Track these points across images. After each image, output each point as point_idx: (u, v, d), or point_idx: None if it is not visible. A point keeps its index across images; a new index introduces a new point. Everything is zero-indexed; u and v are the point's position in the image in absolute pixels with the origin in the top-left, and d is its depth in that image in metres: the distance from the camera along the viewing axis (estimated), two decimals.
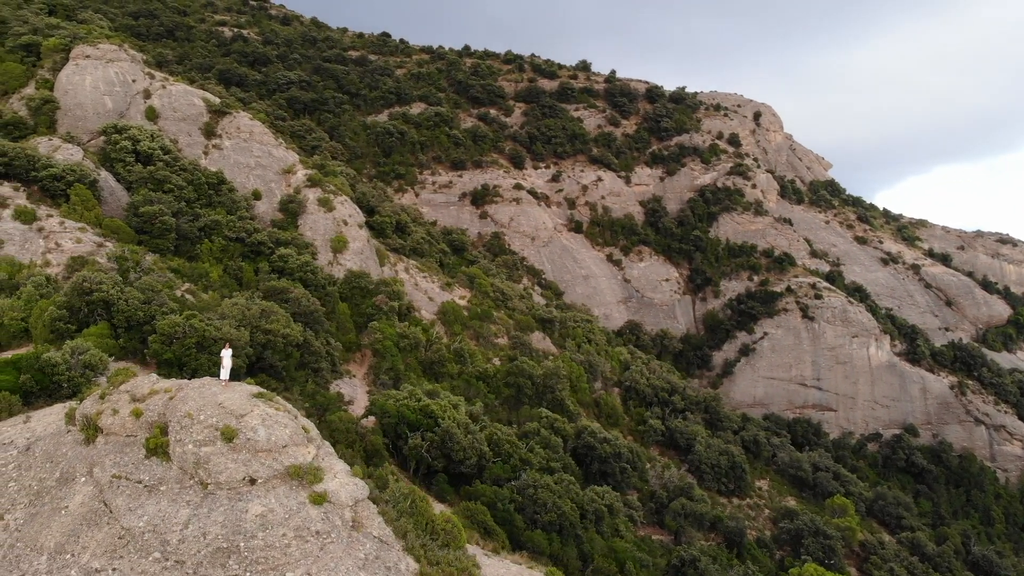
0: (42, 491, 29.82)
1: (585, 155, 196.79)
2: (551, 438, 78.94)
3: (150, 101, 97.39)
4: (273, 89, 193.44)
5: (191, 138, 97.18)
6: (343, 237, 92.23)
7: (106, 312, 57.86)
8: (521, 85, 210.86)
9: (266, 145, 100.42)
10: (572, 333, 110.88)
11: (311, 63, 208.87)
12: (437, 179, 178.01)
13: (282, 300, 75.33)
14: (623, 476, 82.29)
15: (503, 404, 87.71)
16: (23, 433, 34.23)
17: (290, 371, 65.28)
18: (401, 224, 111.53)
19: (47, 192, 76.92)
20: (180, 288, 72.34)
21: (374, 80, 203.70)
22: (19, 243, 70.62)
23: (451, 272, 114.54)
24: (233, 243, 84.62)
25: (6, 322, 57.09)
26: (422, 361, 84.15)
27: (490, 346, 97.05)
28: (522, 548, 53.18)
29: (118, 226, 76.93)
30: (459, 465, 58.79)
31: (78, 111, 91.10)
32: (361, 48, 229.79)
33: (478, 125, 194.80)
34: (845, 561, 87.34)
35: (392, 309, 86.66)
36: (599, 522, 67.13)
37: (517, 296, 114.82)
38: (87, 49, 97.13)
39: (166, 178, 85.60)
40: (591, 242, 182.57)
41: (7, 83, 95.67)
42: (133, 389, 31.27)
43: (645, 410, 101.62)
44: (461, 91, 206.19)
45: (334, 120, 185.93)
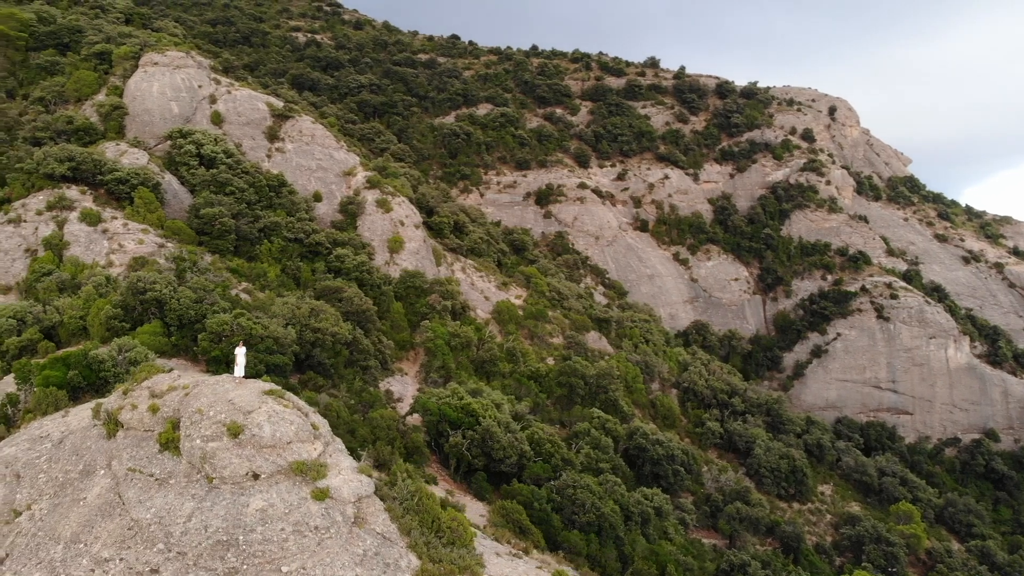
0: (66, 483, 31.31)
1: (652, 153, 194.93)
2: (601, 439, 78.55)
3: (215, 106, 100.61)
4: (344, 93, 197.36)
5: (255, 142, 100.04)
6: (399, 237, 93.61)
7: (159, 311, 60.12)
8: (588, 83, 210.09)
9: (327, 148, 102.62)
10: (629, 333, 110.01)
11: (381, 67, 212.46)
12: (502, 179, 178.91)
13: (336, 299, 77.01)
14: (676, 478, 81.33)
15: (555, 404, 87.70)
16: (59, 427, 35.96)
17: (338, 368, 66.66)
18: (459, 224, 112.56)
19: (113, 195, 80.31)
20: (237, 288, 74.68)
21: (442, 82, 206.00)
22: (84, 244, 73.94)
23: (509, 272, 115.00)
24: (292, 244, 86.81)
25: (66, 320, 59.93)
26: (474, 360, 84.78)
27: (544, 345, 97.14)
28: (559, 548, 53.15)
29: (179, 227, 79.79)
30: (499, 464, 59.06)
31: (145, 116, 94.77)
32: (430, 51, 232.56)
33: (543, 125, 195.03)
34: (909, 569, 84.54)
35: (445, 308, 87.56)
36: (645, 524, 66.55)
37: (574, 296, 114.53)
38: (155, 56, 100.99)
39: (228, 181, 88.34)
40: (657, 241, 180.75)
41: (80, 90, 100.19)
42: (153, 385, 32.53)
43: (703, 412, 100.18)
44: (527, 91, 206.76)
45: (402, 123, 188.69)
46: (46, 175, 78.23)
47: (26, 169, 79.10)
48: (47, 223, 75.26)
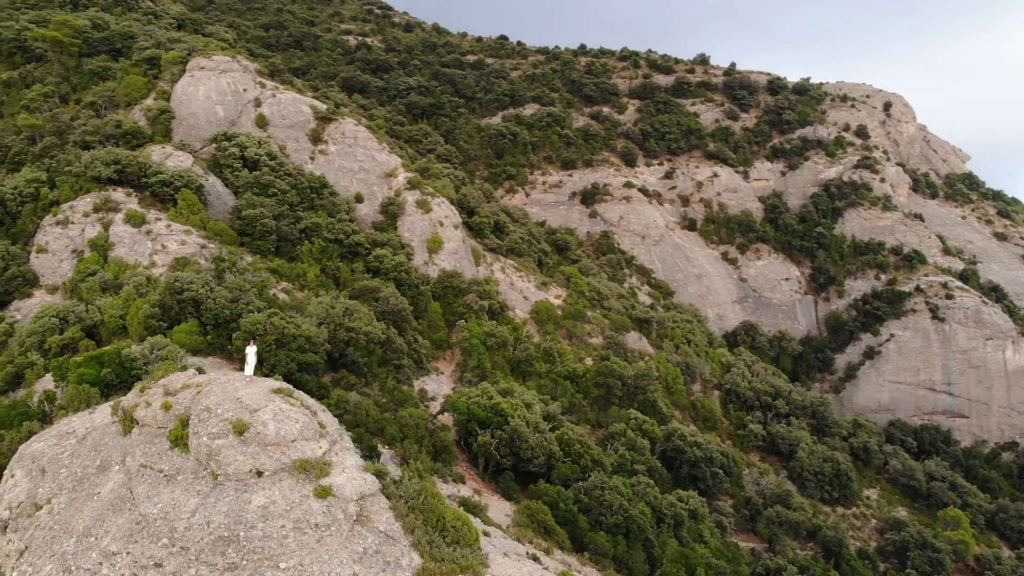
0: (84, 477, 32.15)
1: (701, 150, 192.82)
2: (637, 440, 78.05)
3: (260, 109, 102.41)
4: (393, 95, 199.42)
5: (298, 144, 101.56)
6: (438, 238, 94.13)
7: (196, 310, 61.38)
8: (635, 82, 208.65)
9: (370, 149, 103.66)
10: (670, 334, 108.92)
11: (430, 68, 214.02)
12: (547, 179, 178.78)
13: (373, 299, 77.81)
14: (714, 481, 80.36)
15: (592, 404, 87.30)
16: (84, 423, 36.91)
17: (372, 367, 67.32)
18: (499, 224, 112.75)
19: (157, 197, 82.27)
20: (276, 287, 75.93)
21: (489, 83, 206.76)
22: (128, 245, 75.92)
23: (549, 272, 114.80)
24: (332, 244, 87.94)
25: (106, 319, 61.58)
26: (510, 360, 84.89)
27: (583, 346, 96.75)
28: (585, 549, 52.90)
29: (221, 228, 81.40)
30: (527, 464, 59.02)
31: (191, 120, 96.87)
32: (479, 52, 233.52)
33: (590, 124, 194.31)
34: None
35: (482, 308, 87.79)
36: (678, 527, 65.87)
37: (615, 296, 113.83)
38: (202, 61, 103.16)
39: (270, 183, 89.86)
40: (705, 240, 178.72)
41: (130, 95, 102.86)
42: (168, 384, 33.22)
43: (746, 414, 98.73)
44: (574, 90, 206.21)
45: (450, 124, 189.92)
46: (93, 178, 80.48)
47: (74, 172, 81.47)
48: (93, 224, 77.43)
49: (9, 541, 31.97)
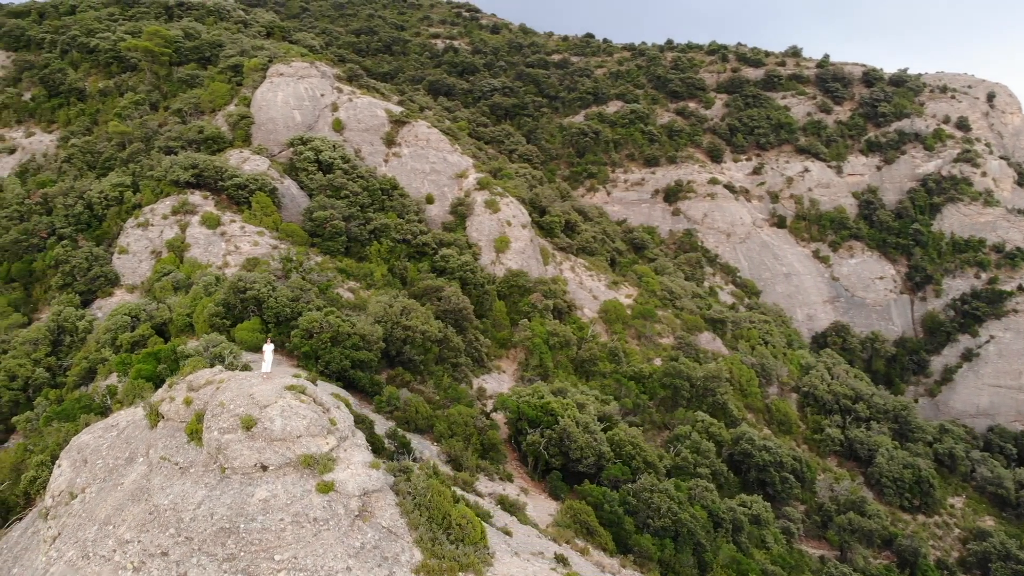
0: (114, 468, 33.74)
1: (791, 145, 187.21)
2: (702, 442, 76.53)
3: (337, 114, 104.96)
4: (478, 97, 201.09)
5: (373, 147, 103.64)
6: (506, 237, 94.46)
7: (258, 309, 63.42)
8: (723, 76, 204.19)
9: (442, 151, 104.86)
10: (746, 334, 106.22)
11: (515, 69, 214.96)
12: (629, 177, 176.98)
13: (436, 298, 78.75)
14: (783, 486, 78.07)
15: (659, 406, 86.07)
16: (127, 417, 38.69)
17: (428, 365, 68.12)
18: (571, 223, 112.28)
19: (233, 199, 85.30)
20: (342, 287, 77.75)
21: (573, 82, 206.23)
22: (203, 246, 78.97)
23: (621, 271, 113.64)
24: (400, 244, 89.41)
25: (175, 317, 64.28)
26: (573, 359, 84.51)
27: (652, 346, 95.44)
28: (630, 551, 52.24)
29: (293, 230, 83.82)
30: (576, 464, 58.61)
31: (270, 125, 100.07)
32: (564, 51, 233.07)
33: (675, 120, 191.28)
34: None
35: (547, 307, 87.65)
36: (737, 532, 64.35)
37: (689, 295, 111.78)
38: (281, 67, 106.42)
39: (343, 185, 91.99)
40: (795, 237, 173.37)
41: (214, 101, 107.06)
42: (193, 380, 34.51)
43: (823, 418, 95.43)
44: (660, 86, 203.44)
45: (532, 124, 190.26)
46: (172, 181, 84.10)
47: (156, 176, 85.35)
48: (171, 226, 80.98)
49: (48, 528, 33.80)
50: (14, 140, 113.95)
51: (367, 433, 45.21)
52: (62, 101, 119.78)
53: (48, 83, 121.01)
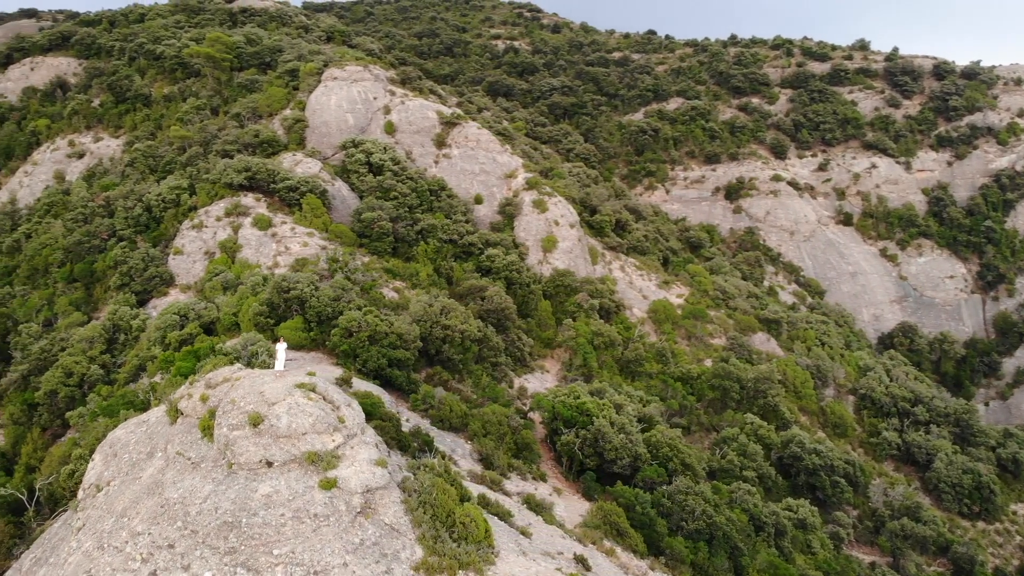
0: (136, 462, 34.85)
1: (858, 140, 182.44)
2: (749, 445, 75.20)
3: (389, 116, 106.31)
4: (537, 97, 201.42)
5: (424, 149, 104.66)
6: (553, 237, 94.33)
7: (300, 308, 64.66)
8: (788, 71, 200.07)
9: (491, 152, 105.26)
10: (802, 335, 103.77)
11: (574, 68, 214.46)
12: (689, 174, 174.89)
13: (479, 298, 79.14)
14: (834, 490, 76.04)
15: (707, 407, 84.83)
16: (156, 414, 39.91)
17: (467, 364, 68.47)
18: (622, 222, 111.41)
19: (284, 201, 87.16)
20: (387, 286, 78.75)
21: (633, 79, 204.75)
22: (255, 247, 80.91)
23: (674, 270, 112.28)
24: (446, 244, 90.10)
25: (222, 317, 66.02)
26: (619, 359, 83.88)
27: (702, 346, 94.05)
28: (661, 554, 51.63)
29: (342, 231, 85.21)
30: (611, 464, 58.12)
31: (323, 128, 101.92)
32: (625, 48, 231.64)
33: (737, 116, 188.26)
34: None
35: (592, 307, 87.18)
36: (779, 536, 63.02)
37: (744, 295, 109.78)
38: (335, 71, 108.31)
39: (392, 186, 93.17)
40: (862, 235, 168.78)
41: (271, 106, 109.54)
42: (211, 377, 35.40)
43: (880, 421, 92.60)
44: (722, 82, 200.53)
45: (591, 122, 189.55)
46: (226, 184, 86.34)
47: (211, 179, 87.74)
48: (224, 228, 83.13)
49: (77, 519, 35.10)
50: (83, 145, 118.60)
51: (394, 431, 45.73)
52: (129, 107, 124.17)
53: (115, 89, 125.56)
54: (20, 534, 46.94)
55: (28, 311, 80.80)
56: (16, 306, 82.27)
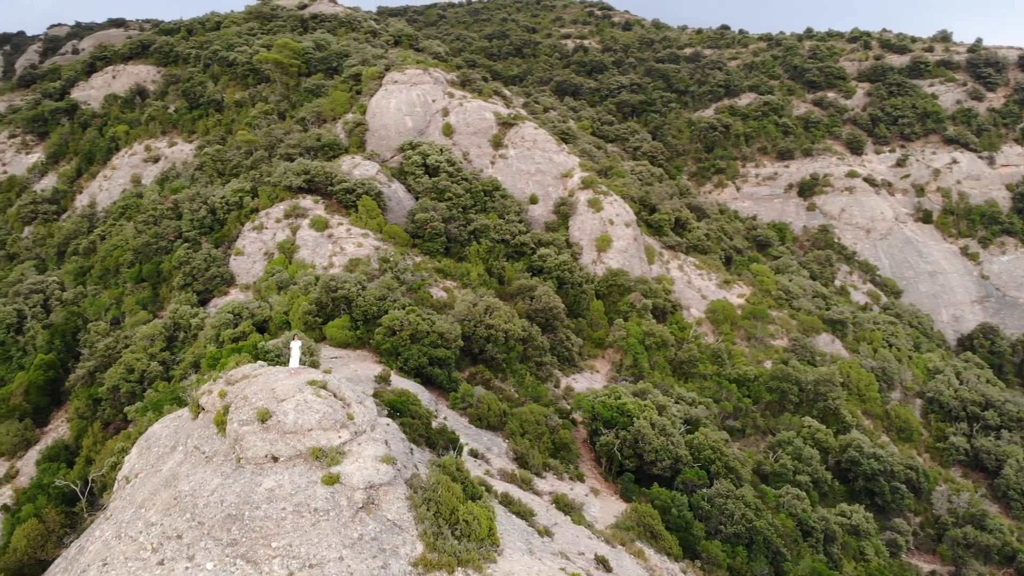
0: (162, 456, 36.15)
1: (938, 135, 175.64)
2: (804, 449, 73.38)
3: (447, 118, 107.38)
4: (605, 95, 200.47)
5: (480, 150, 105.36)
6: (607, 236, 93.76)
7: (347, 307, 65.97)
8: (865, 64, 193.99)
9: (548, 152, 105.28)
10: (868, 336, 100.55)
11: (644, 65, 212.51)
12: (761, 171, 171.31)
13: (528, 297, 79.33)
14: (894, 496, 73.63)
15: (764, 410, 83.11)
16: (187, 410, 41.30)
17: (511, 363, 68.73)
18: (681, 221, 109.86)
19: (341, 203, 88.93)
20: (437, 286, 79.61)
21: (704, 75, 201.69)
22: (311, 247, 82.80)
23: (737, 269, 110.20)
24: (499, 244, 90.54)
25: (274, 315, 67.82)
26: (671, 360, 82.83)
27: (763, 348, 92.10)
28: (698, 557, 50.89)
29: (395, 231, 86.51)
30: (651, 466, 57.50)
31: (383, 131, 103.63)
32: (697, 44, 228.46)
33: (811, 111, 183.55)
34: None
35: (645, 307, 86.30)
36: (829, 542, 61.32)
37: (810, 295, 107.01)
38: (396, 75, 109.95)
39: (447, 187, 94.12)
40: (941, 233, 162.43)
41: (335, 110, 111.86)
42: (232, 374, 36.49)
43: (948, 425, 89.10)
44: (796, 76, 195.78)
45: (659, 120, 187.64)
46: (286, 187, 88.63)
47: (272, 182, 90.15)
48: (283, 229, 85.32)
49: (107, 510, 36.66)
50: (158, 150, 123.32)
51: (423, 428, 46.31)
52: (201, 112, 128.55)
53: (189, 95, 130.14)
54: (71, 524, 49.16)
55: (97, 310, 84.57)
56: (87, 305, 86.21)
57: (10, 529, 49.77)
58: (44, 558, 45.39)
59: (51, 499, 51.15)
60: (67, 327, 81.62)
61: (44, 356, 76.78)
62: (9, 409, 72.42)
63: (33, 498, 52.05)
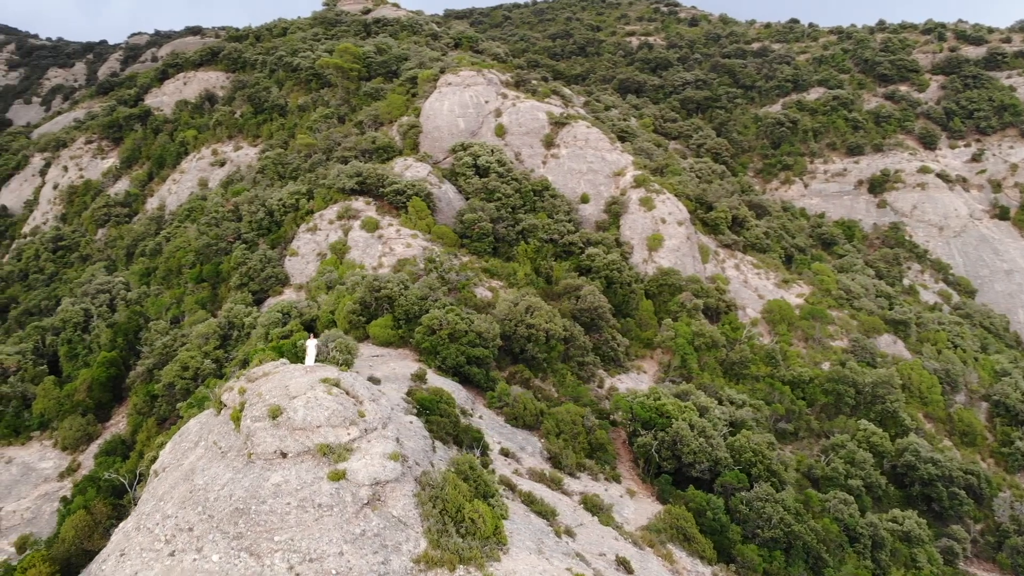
0: (186, 451, 37.31)
1: (1016, 128, 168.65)
2: (857, 453, 71.35)
3: (500, 119, 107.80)
4: (669, 92, 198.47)
5: (532, 150, 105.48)
6: (659, 235, 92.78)
7: (390, 306, 66.88)
8: (939, 56, 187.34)
9: (600, 151, 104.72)
10: (932, 337, 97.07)
11: (710, 61, 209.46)
12: (829, 167, 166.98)
13: (574, 297, 79.14)
14: (952, 502, 71.00)
15: (819, 412, 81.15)
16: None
17: (552, 363, 68.65)
18: (739, 219, 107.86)
19: (392, 205, 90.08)
20: (483, 285, 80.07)
21: (771, 70, 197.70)
22: (362, 248, 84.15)
23: (797, 268, 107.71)
24: (547, 244, 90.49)
25: (321, 314, 69.27)
26: (722, 361, 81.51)
27: (821, 349, 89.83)
28: (733, 561, 50.05)
29: (444, 232, 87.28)
30: (689, 468, 56.73)
31: (436, 133, 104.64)
32: (766, 38, 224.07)
33: (883, 105, 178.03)
34: None
35: (696, 307, 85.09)
36: (877, 548, 59.53)
37: (872, 294, 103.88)
38: (450, 77, 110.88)
39: (496, 188, 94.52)
40: (1019, 230, 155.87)
41: (392, 113, 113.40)
42: (252, 372, 37.45)
43: (1014, 429, 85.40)
44: (867, 70, 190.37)
45: (724, 116, 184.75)
46: (340, 189, 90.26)
47: (326, 184, 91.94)
48: (336, 230, 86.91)
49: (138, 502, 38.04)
50: (224, 154, 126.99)
51: (451, 426, 46.67)
52: (266, 117, 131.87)
53: (254, 100, 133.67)
54: (119, 516, 51.04)
55: (159, 309, 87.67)
56: (149, 305, 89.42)
57: (62, 520, 52.00)
58: (90, 548, 47.23)
59: (100, 491, 53.21)
60: (129, 326, 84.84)
61: (107, 354, 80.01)
62: (73, 404, 75.73)
63: (84, 490, 54.28)
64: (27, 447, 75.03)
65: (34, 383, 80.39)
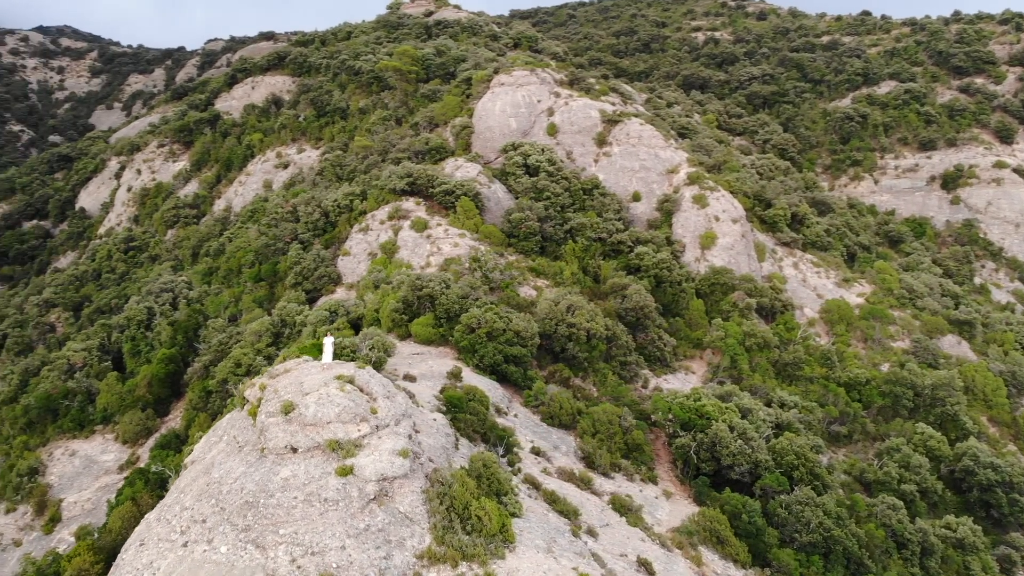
0: (212, 445, 38.43)
1: None
2: (912, 457, 69.10)
3: (552, 118, 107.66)
4: (735, 87, 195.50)
5: (584, 148, 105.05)
6: (712, 233, 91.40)
7: (431, 305, 67.59)
8: (1017, 47, 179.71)
9: (653, 148, 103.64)
10: (999, 338, 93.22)
11: (777, 55, 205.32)
12: (900, 163, 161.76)
13: (621, 296, 78.64)
14: (1012, 509, 68.22)
15: (876, 415, 78.83)
16: None
17: (593, 362, 68.32)
18: (799, 216, 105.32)
19: (442, 205, 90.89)
20: (528, 284, 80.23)
21: (841, 63, 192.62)
22: (411, 248, 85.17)
23: (860, 267, 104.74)
24: (595, 243, 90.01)
25: (366, 313, 70.43)
26: (775, 362, 79.85)
27: (881, 349, 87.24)
28: (768, 565, 49.08)
29: (491, 231, 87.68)
30: (728, 470, 55.81)
31: (487, 134, 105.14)
32: (836, 31, 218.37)
33: (957, 98, 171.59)
34: None
35: (748, 306, 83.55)
36: (926, 555, 57.60)
37: (937, 293, 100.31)
38: (503, 77, 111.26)
39: (545, 187, 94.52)
40: None
41: (446, 114, 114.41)
42: (274, 369, 38.40)
43: None
44: (941, 63, 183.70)
45: (791, 111, 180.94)
46: (391, 190, 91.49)
47: (379, 185, 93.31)
48: (387, 230, 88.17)
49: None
50: (288, 156, 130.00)
51: (478, 424, 46.91)
52: (328, 120, 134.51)
53: (317, 104, 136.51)
54: None
55: (217, 307, 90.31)
56: (209, 303, 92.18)
57: (111, 511, 54.10)
58: None
59: (148, 484, 55.15)
60: (189, 323, 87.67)
61: (166, 351, 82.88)
62: (134, 400, 78.67)
63: (133, 482, 56.36)
64: (90, 440, 78.26)
65: (99, 379, 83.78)
